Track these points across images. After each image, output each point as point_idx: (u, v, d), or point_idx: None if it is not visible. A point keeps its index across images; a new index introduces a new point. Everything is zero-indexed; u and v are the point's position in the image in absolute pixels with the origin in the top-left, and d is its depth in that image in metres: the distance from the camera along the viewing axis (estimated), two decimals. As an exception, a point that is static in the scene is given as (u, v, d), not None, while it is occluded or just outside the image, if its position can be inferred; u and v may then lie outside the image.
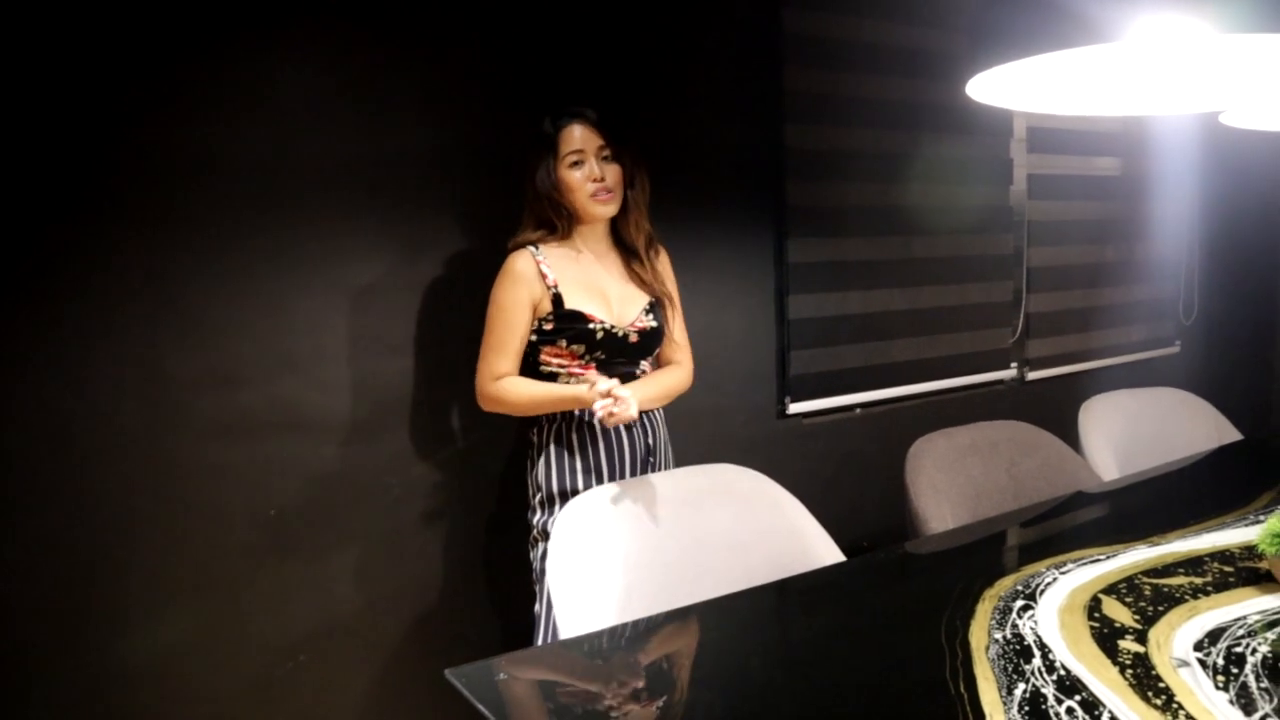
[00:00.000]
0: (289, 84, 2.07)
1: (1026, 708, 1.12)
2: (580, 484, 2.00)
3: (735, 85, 2.80)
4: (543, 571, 2.02)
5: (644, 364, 2.10)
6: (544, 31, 2.39)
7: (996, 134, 3.41)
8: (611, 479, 2.02)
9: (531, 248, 2.01)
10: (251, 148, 2.03)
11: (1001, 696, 1.15)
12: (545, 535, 2.02)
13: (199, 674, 2.06)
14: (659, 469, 2.11)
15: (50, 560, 1.89)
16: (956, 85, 3.14)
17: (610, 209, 2.02)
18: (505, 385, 1.98)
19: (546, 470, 2.03)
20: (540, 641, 2.00)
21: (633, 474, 2.05)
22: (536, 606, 2.03)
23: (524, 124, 2.28)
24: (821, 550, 1.82)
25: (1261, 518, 1.85)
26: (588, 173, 1.99)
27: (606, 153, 2.01)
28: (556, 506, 2.01)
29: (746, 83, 2.82)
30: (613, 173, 2.01)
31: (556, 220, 2.02)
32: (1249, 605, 1.43)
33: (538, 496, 2.04)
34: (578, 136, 1.99)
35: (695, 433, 2.69)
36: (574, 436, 2.02)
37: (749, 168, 2.85)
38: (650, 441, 2.09)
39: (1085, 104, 1.57)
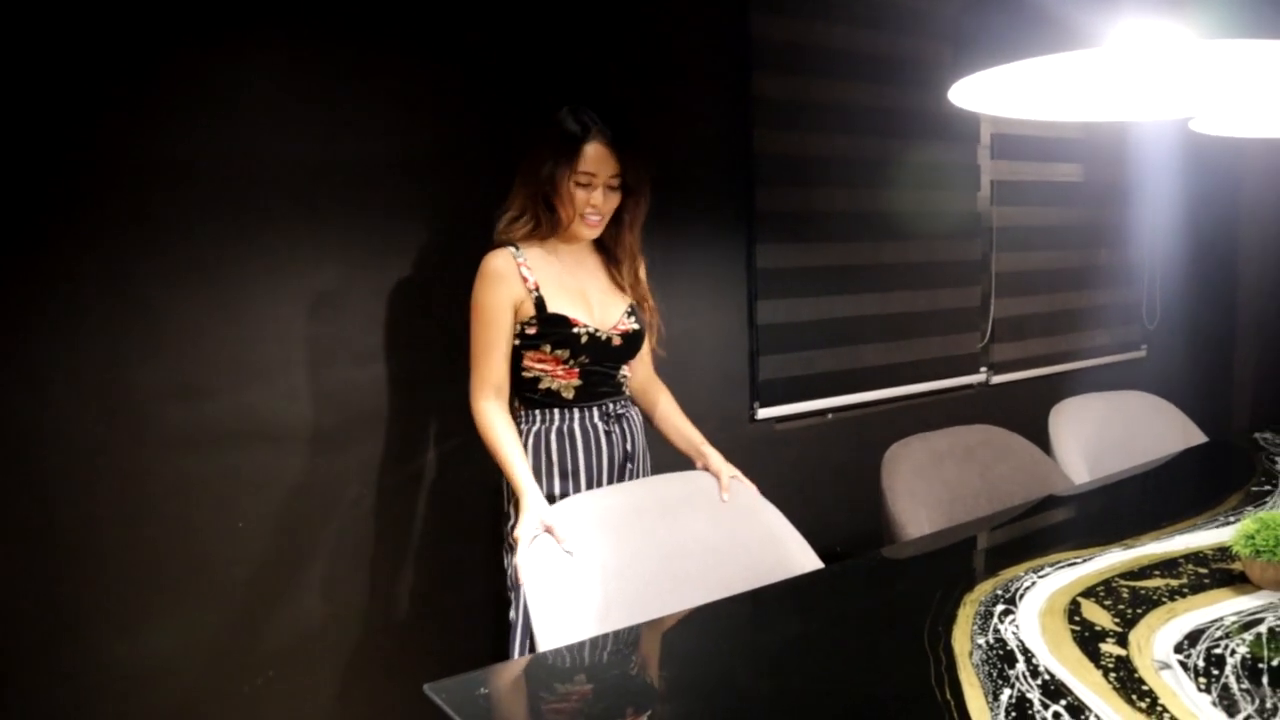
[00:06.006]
0: (255, 88, 2.03)
1: (1014, 713, 1.12)
2: (556, 489, 1.97)
3: (703, 90, 2.79)
4: (515, 577, 1.99)
5: (624, 368, 2.08)
6: (512, 38, 2.37)
7: (964, 140, 3.44)
8: (589, 484, 1.99)
9: (512, 248, 1.95)
10: (216, 152, 1.98)
11: (988, 702, 1.15)
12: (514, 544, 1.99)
13: (164, 692, 2.01)
14: (637, 474, 2.08)
15: (9, 577, 1.84)
16: (924, 91, 3.21)
17: (596, 232, 1.98)
18: (488, 417, 1.92)
19: None
20: (516, 647, 1.98)
21: (609, 479, 2.02)
22: (512, 612, 2.00)
23: (490, 128, 2.27)
24: (799, 556, 1.81)
25: (1231, 519, 1.87)
26: (591, 198, 1.92)
27: (616, 181, 1.94)
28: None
29: (714, 88, 2.81)
30: (612, 201, 1.96)
31: (542, 217, 1.95)
32: (1225, 606, 1.44)
33: (513, 501, 2.01)
34: (594, 157, 1.90)
35: (668, 439, 2.67)
36: (552, 440, 1.99)
37: (718, 173, 2.84)
38: (629, 447, 2.07)
39: (1060, 110, 1.58)
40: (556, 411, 1.99)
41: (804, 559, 1.80)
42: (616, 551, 1.70)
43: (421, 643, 2.34)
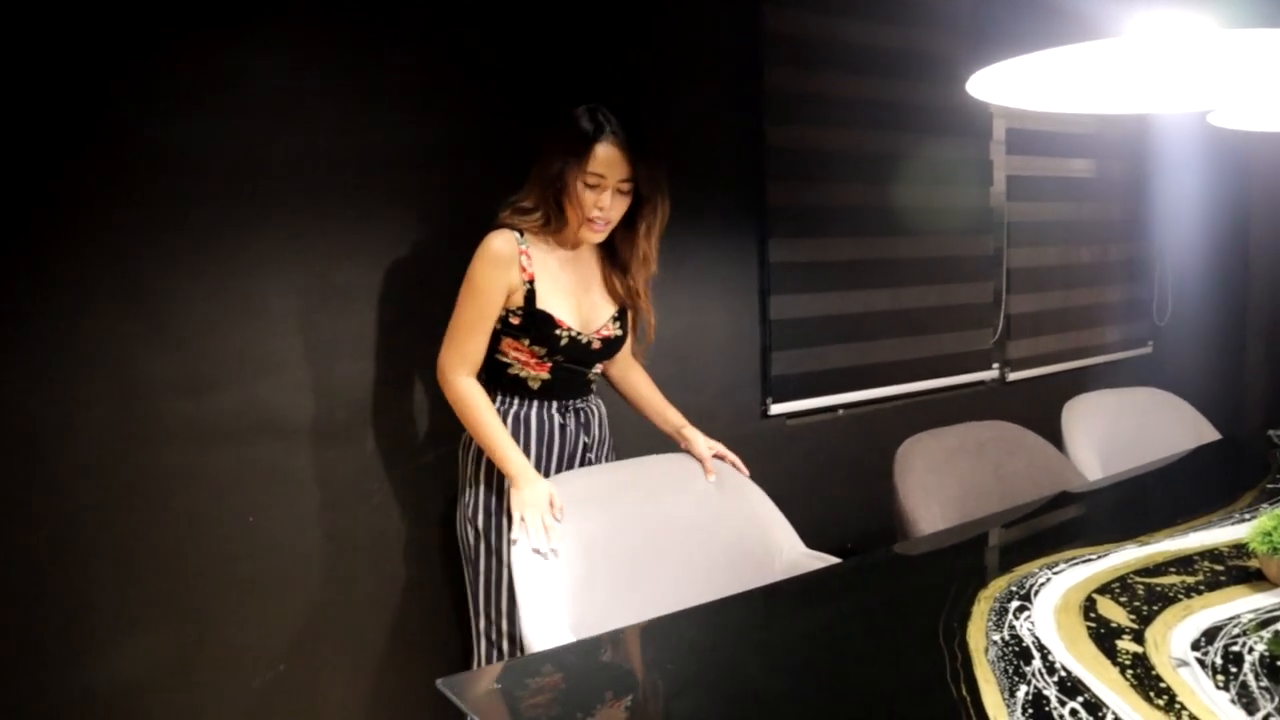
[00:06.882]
0: (266, 78, 2.02)
1: (1030, 710, 1.11)
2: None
3: (715, 85, 2.78)
4: (474, 549, 2.02)
5: (597, 367, 2.08)
6: (525, 31, 2.36)
7: (977, 135, 3.42)
8: (541, 469, 1.97)
9: (516, 234, 1.92)
10: (226, 143, 1.98)
11: (1004, 699, 1.14)
12: (473, 516, 2.00)
13: (173, 687, 2.01)
14: (596, 462, 2.08)
15: (13, 574, 1.84)
16: (938, 86, 3.19)
17: (599, 239, 1.96)
18: (471, 396, 1.92)
19: (478, 450, 1.98)
20: (476, 612, 2.03)
21: (563, 465, 2.02)
22: (469, 580, 2.04)
23: (499, 122, 2.28)
24: (779, 535, 1.85)
25: (1247, 516, 1.86)
26: (599, 200, 1.88)
27: (626, 186, 1.90)
28: (480, 488, 1.98)
29: (726, 82, 2.80)
30: (620, 205, 1.92)
31: (553, 216, 1.93)
32: (1242, 604, 1.43)
33: (465, 474, 2.02)
34: (604, 158, 1.86)
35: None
36: (508, 424, 1.97)
37: (730, 168, 2.83)
38: (586, 439, 2.07)
39: (1078, 102, 1.57)
40: (517, 399, 1.99)
41: (783, 537, 1.83)
42: (602, 528, 1.74)
43: (435, 636, 2.34)
